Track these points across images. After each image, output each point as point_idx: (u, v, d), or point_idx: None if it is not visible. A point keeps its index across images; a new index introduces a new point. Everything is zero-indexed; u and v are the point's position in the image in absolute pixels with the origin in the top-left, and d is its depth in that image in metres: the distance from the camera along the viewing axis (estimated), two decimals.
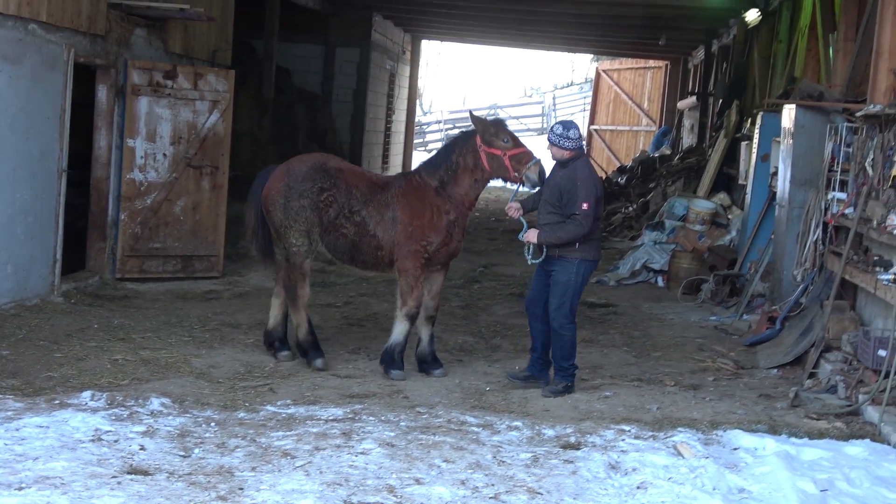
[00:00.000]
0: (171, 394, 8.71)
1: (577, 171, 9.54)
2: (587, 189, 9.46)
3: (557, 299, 9.62)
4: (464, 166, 9.90)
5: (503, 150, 9.75)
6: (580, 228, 9.43)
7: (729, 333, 12.84)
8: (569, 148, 9.59)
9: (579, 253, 9.56)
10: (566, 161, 9.61)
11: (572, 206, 9.44)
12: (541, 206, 9.76)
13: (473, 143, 9.89)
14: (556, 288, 9.62)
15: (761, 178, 15.38)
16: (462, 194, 9.93)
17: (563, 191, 9.49)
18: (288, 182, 9.97)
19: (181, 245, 13.98)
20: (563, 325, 9.63)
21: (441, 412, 8.64)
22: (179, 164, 13.82)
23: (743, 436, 8.23)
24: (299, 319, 10.09)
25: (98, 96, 13.30)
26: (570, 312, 9.66)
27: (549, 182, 9.69)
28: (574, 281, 9.61)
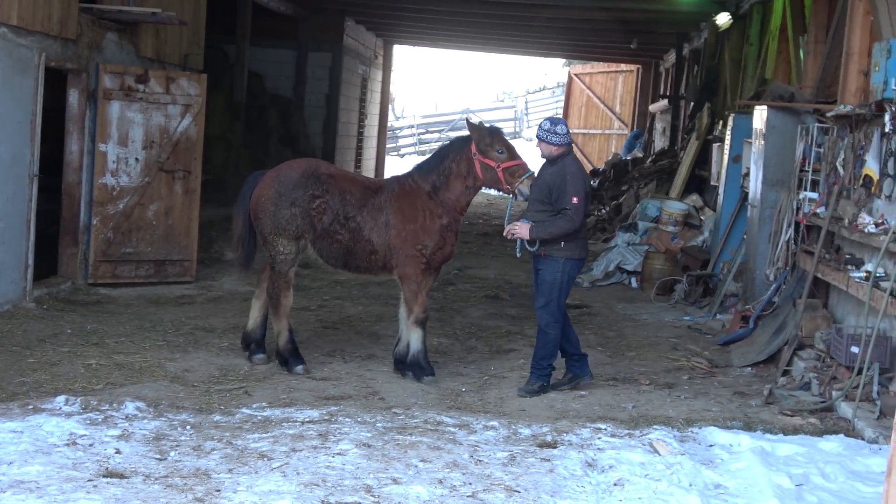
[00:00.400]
0: (146, 398, 8.67)
1: (565, 166, 9.56)
2: (576, 184, 9.48)
3: (544, 297, 9.63)
4: (457, 172, 9.88)
5: (497, 161, 9.72)
6: (571, 223, 9.43)
7: (703, 333, 12.92)
8: (557, 143, 9.60)
9: (565, 251, 9.57)
10: (555, 158, 9.61)
11: (562, 201, 9.43)
12: (529, 205, 9.76)
13: (468, 150, 9.85)
14: (543, 286, 9.63)
15: (733, 179, 15.46)
16: (453, 199, 9.90)
17: (552, 187, 9.49)
18: (279, 189, 9.88)
19: (154, 250, 13.92)
20: (549, 324, 9.63)
21: (417, 413, 8.64)
22: (152, 169, 13.77)
23: (718, 432, 8.29)
24: (280, 327, 10.06)
25: (69, 101, 13.24)
26: (556, 311, 9.64)
27: (538, 180, 9.70)
28: (560, 279, 9.60)
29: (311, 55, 25.26)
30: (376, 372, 10.20)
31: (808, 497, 6.94)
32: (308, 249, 10.00)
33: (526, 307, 14.18)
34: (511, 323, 13.10)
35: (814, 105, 12.83)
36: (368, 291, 14.55)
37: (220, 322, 12.01)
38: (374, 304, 13.75)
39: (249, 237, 10.20)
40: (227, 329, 11.62)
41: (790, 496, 6.88)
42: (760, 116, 13.46)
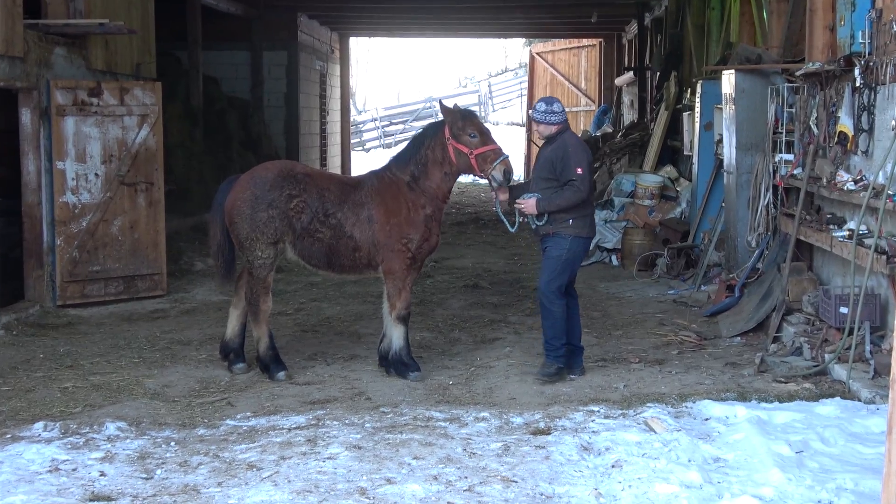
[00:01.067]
0: (127, 417, 8.63)
1: (565, 140, 9.60)
2: (578, 155, 9.51)
3: (547, 274, 9.61)
4: (433, 159, 9.83)
5: (469, 146, 9.67)
6: (579, 193, 9.44)
7: (688, 305, 12.97)
8: (556, 122, 9.64)
9: (573, 229, 9.56)
10: (553, 136, 9.65)
11: (567, 173, 9.45)
12: (533, 184, 9.77)
13: (442, 135, 9.81)
14: (548, 262, 9.63)
15: (706, 147, 15.53)
16: (434, 188, 9.84)
17: (554, 161, 9.51)
18: (254, 192, 9.79)
19: (122, 266, 13.85)
20: (553, 301, 9.61)
21: (406, 410, 8.64)
22: (113, 183, 13.69)
23: (713, 405, 8.32)
24: (260, 333, 10.01)
25: (22, 120, 13.13)
26: (558, 288, 9.62)
27: (538, 159, 9.76)
28: (566, 257, 9.59)
29: (266, 55, 25.19)
30: (360, 372, 10.18)
31: (810, 463, 6.98)
32: (288, 251, 9.94)
33: (507, 294, 14.21)
34: (494, 311, 13.11)
35: (782, 65, 12.88)
36: (345, 291, 14.53)
37: (197, 334, 11.96)
38: (352, 303, 13.73)
39: (228, 245, 10.10)
40: (203, 340, 11.58)
41: (791, 464, 6.91)
42: (729, 81, 13.50)
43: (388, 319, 9.93)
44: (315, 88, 28.43)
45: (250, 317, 10.06)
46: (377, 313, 12.46)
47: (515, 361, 10.45)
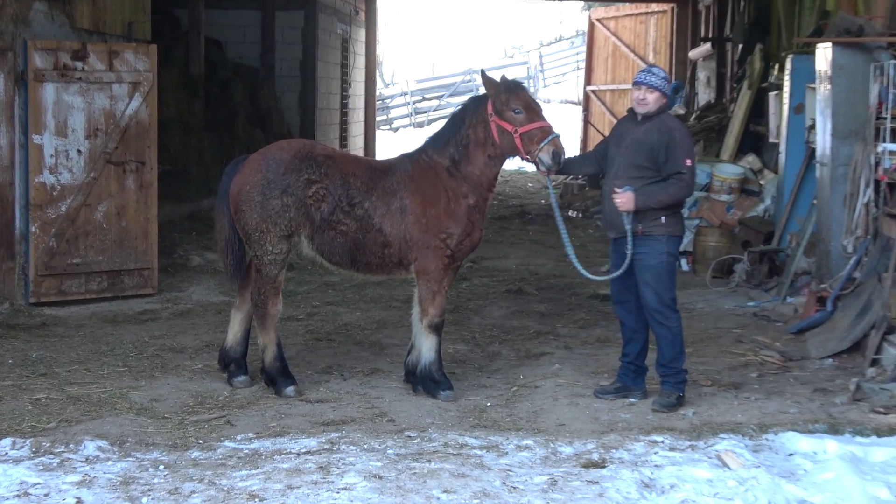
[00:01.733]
0: (109, 435, 8.67)
1: (667, 123, 9.51)
2: (686, 143, 9.47)
3: (653, 287, 9.52)
4: (475, 140, 9.80)
5: (514, 124, 9.61)
6: (686, 189, 9.41)
7: (771, 320, 12.91)
8: (668, 93, 9.56)
9: (667, 227, 9.49)
10: (652, 113, 9.53)
11: (674, 164, 9.35)
12: (616, 171, 9.57)
13: (484, 111, 9.77)
14: (648, 274, 9.52)
15: (796, 133, 15.44)
16: (477, 174, 9.81)
17: (655, 147, 9.39)
18: (266, 175, 9.78)
19: (106, 258, 13.92)
20: (668, 316, 9.56)
21: (435, 435, 8.65)
22: (98, 162, 13.76)
23: (798, 438, 8.29)
24: (267, 341, 10.03)
25: None
26: (672, 300, 9.60)
27: (624, 139, 9.59)
28: (668, 261, 9.54)
29: (278, 15, 25.24)
30: (383, 389, 10.20)
31: None
32: (304, 246, 9.94)
33: (557, 302, 14.20)
34: (540, 322, 13.11)
35: (888, 38, 12.78)
36: (366, 294, 14.56)
37: (192, 340, 12.02)
38: (373, 308, 13.76)
39: (238, 240, 10.11)
40: (199, 348, 11.63)
41: None
42: (824, 56, 13.42)
43: (419, 327, 9.94)
44: (336, 56, 28.49)
45: (256, 321, 10.08)
46: (403, 320, 12.49)
47: (565, 381, 10.44)
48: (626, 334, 9.92)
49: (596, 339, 12.13)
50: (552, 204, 10.11)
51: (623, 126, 9.80)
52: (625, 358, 9.93)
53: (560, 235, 10.11)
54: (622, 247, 9.59)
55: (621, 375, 9.95)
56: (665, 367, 9.63)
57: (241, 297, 10.34)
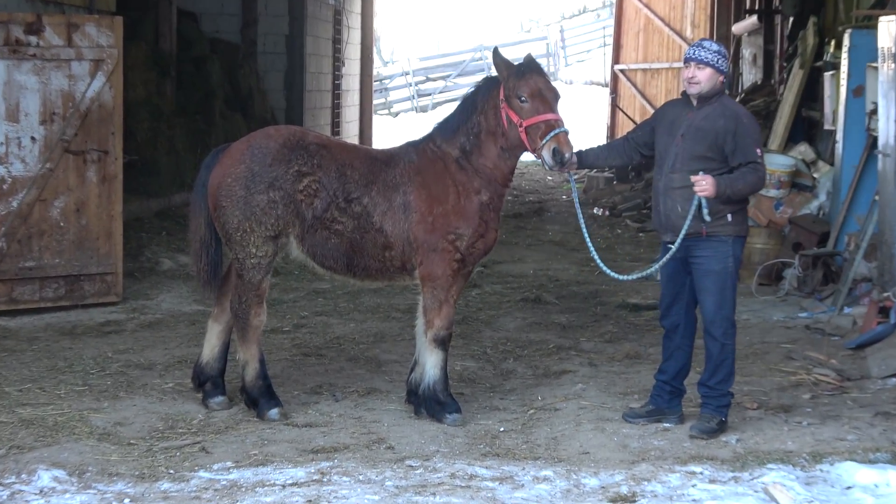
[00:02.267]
0: (67, 464, 8.66)
1: (731, 107, 9.52)
2: (755, 129, 9.47)
3: (715, 296, 9.50)
4: (487, 129, 9.79)
5: (519, 115, 9.58)
6: (763, 180, 9.44)
7: (826, 334, 12.90)
8: (725, 71, 9.50)
9: (734, 227, 9.47)
10: (709, 95, 9.49)
11: (744, 153, 9.31)
12: (672, 163, 9.50)
13: (496, 96, 9.76)
14: (709, 280, 9.50)
15: (855, 119, 15.42)
16: (491, 167, 9.80)
17: (720, 135, 9.34)
18: (250, 166, 9.76)
19: (64, 262, 13.92)
20: (727, 332, 9.55)
21: (441, 464, 8.65)
22: (55, 151, 13.77)
23: (858, 469, 8.29)
24: (249, 356, 10.03)
25: None
26: (732, 312, 9.60)
27: (677, 127, 9.53)
28: (733, 267, 9.52)
29: None
30: (380, 412, 10.20)
31: None
32: (292, 248, 9.94)
33: (580, 312, 14.20)
34: (561, 335, 13.12)
35: None
36: (361, 303, 14.56)
37: (161, 355, 12.02)
38: (369, 318, 13.77)
39: (215, 241, 10.11)
40: (170, 364, 11.63)
41: None
42: (888, 31, 13.41)
43: (423, 341, 9.93)
44: (327, 30, 28.52)
45: (236, 334, 10.08)
46: (404, 333, 12.52)
47: (589, 403, 10.44)
48: (669, 349, 9.89)
49: (625, 356, 12.12)
50: (574, 199, 10.09)
51: (674, 111, 9.72)
52: (661, 376, 9.91)
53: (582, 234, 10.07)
54: (677, 252, 9.55)
55: (655, 397, 9.94)
56: (709, 387, 9.61)
57: (219, 306, 10.33)
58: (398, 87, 52.79)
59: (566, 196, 26.75)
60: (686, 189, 9.37)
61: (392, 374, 11.30)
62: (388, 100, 51.50)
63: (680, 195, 9.44)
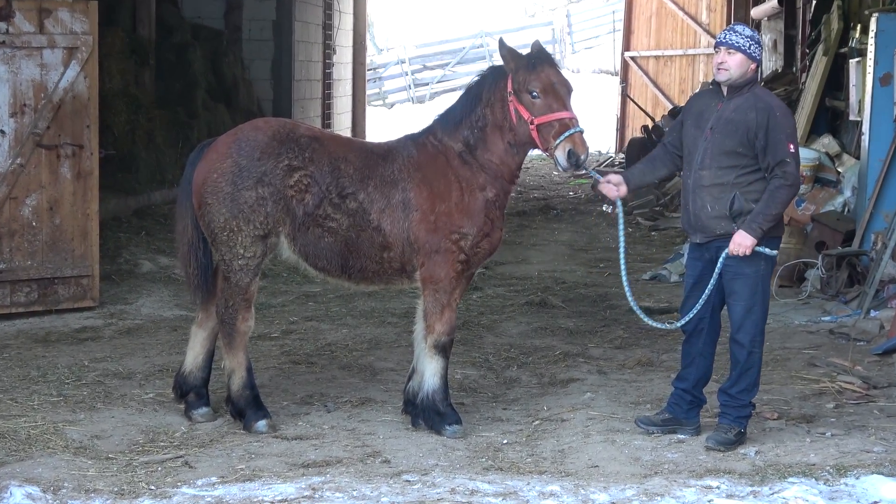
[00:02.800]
0: (41, 479, 8.68)
1: (764, 98, 9.47)
2: (789, 123, 9.41)
3: (745, 302, 9.52)
4: (493, 123, 9.80)
5: (530, 111, 9.60)
6: (794, 187, 9.35)
7: (851, 339, 12.91)
8: (758, 59, 9.47)
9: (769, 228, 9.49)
10: (740, 85, 9.46)
11: (776, 150, 9.25)
12: (700, 159, 9.48)
13: (504, 88, 9.77)
14: (740, 284, 9.51)
15: (883, 110, 15.43)
16: (497, 163, 9.82)
17: (751, 128, 9.30)
18: (238, 161, 9.77)
19: (36, 264, 13.93)
20: (755, 339, 9.58)
21: (440, 479, 8.66)
22: (26, 145, 13.78)
23: (884, 483, 8.32)
24: (235, 364, 10.03)
25: None
26: (762, 319, 9.62)
27: (705, 119, 9.51)
28: (765, 272, 9.54)
29: None
30: (375, 423, 10.22)
31: None
32: (283, 248, 9.96)
33: (588, 317, 14.22)
34: (567, 340, 13.14)
35: None
36: (354, 307, 14.58)
37: (141, 363, 12.04)
38: (363, 324, 13.79)
39: (204, 243, 10.10)
40: (150, 373, 11.65)
41: None
42: None
43: (422, 347, 9.95)
44: (317, 15, 28.53)
45: (223, 340, 10.08)
46: (400, 339, 12.55)
47: (599, 413, 10.46)
48: (690, 355, 9.88)
49: (637, 363, 12.13)
50: (619, 235, 9.89)
51: (702, 102, 9.72)
52: (680, 384, 9.90)
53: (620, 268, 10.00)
54: (706, 253, 9.59)
55: (672, 405, 9.94)
56: (730, 396, 9.61)
57: (204, 311, 10.31)
58: (393, 77, 52.74)
59: (573, 192, 26.77)
60: (716, 187, 9.39)
61: (388, 383, 11.32)
62: (382, 90, 51.48)
63: (709, 193, 9.44)
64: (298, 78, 26.70)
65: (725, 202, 9.38)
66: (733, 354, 9.64)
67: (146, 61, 21.33)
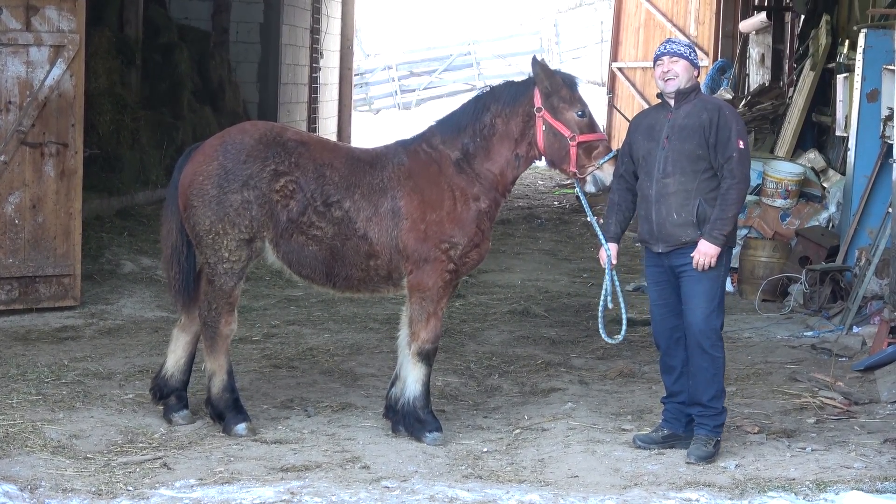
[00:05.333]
0: (18, 478, 8.68)
1: (711, 100, 9.64)
2: (738, 120, 9.49)
3: (704, 305, 9.53)
4: (503, 133, 9.82)
5: (571, 129, 9.65)
6: (743, 183, 9.37)
7: (833, 354, 12.93)
8: (698, 66, 9.63)
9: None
10: (688, 90, 9.54)
11: (725, 147, 9.34)
12: (662, 167, 9.52)
13: (529, 102, 9.79)
14: (701, 287, 9.53)
15: (869, 125, 15.46)
16: (496, 174, 9.85)
17: (705, 127, 9.38)
18: (223, 163, 9.77)
19: (18, 262, 13.91)
20: (715, 344, 9.59)
21: (419, 486, 8.67)
22: (10, 142, 13.77)
23: (864, 499, 8.34)
24: (216, 367, 10.03)
25: None
26: (721, 325, 9.65)
27: (657, 131, 9.55)
28: (723, 274, 9.58)
29: None
30: (355, 429, 10.22)
31: None
32: (268, 254, 9.96)
33: (571, 326, 14.23)
34: (550, 350, 13.15)
35: None
36: (336, 312, 14.57)
37: (121, 364, 12.03)
38: (345, 329, 13.79)
39: (188, 247, 10.09)
40: (130, 374, 11.65)
41: None
42: None
43: (406, 354, 9.95)
44: (305, 19, 28.53)
45: (204, 343, 10.07)
46: (382, 345, 12.56)
47: (579, 424, 10.47)
48: (674, 369, 9.85)
49: (618, 374, 12.14)
50: (606, 270, 9.98)
51: (650, 118, 9.80)
52: (672, 399, 9.92)
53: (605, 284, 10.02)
54: (666, 260, 9.63)
55: (669, 422, 9.92)
56: (704, 406, 9.61)
57: (186, 315, 10.30)
58: (380, 82, 52.69)
59: (558, 202, 26.78)
60: (681, 193, 9.45)
61: (368, 389, 11.32)
62: (368, 95, 51.43)
63: (675, 201, 9.48)
64: (285, 81, 26.71)
65: (692, 209, 9.44)
66: (697, 364, 9.62)
67: (132, 61, 21.32)
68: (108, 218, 18.25)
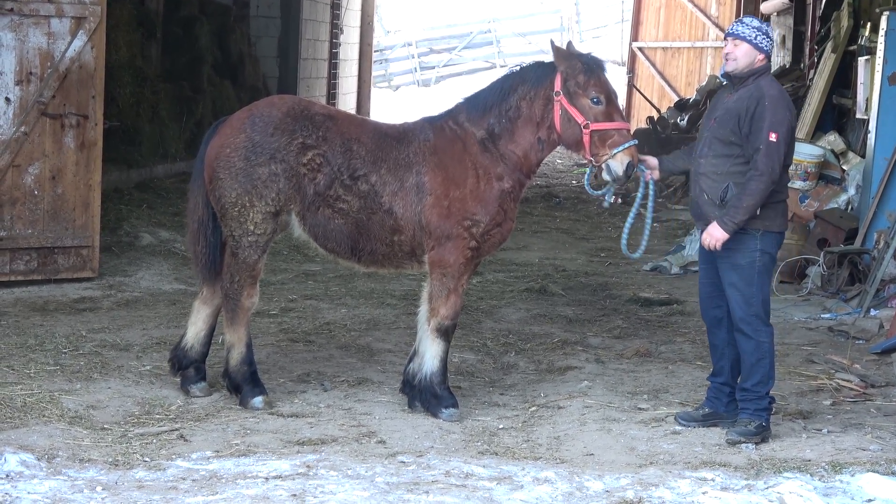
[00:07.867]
0: (35, 447, 8.71)
1: (762, 87, 9.44)
2: (777, 112, 9.32)
3: (742, 292, 9.51)
4: (527, 116, 9.79)
5: (586, 115, 9.60)
6: (768, 174, 9.25)
7: (850, 337, 12.91)
8: (766, 50, 9.48)
9: (763, 221, 9.43)
10: (746, 75, 9.46)
11: (756, 138, 9.27)
12: (701, 148, 9.60)
13: (550, 86, 9.74)
14: (735, 275, 9.52)
15: (890, 108, 15.43)
16: (520, 155, 9.84)
17: (741, 115, 9.35)
18: (251, 136, 9.77)
19: (37, 233, 13.93)
20: (757, 328, 9.55)
21: (435, 461, 8.68)
22: (30, 113, 13.78)
23: (879, 481, 8.31)
24: (236, 339, 10.05)
25: None
26: (763, 309, 9.59)
27: (716, 110, 9.60)
28: (762, 262, 9.51)
29: None
30: (371, 403, 10.24)
31: None
32: (294, 227, 9.96)
33: (588, 305, 14.22)
34: (566, 328, 13.15)
35: None
36: (354, 287, 14.58)
37: (139, 335, 12.05)
38: (363, 304, 13.79)
39: (214, 222, 10.10)
40: (148, 346, 11.67)
41: None
42: None
43: (425, 329, 9.95)
44: None
45: (225, 315, 10.08)
46: (400, 321, 12.56)
47: (595, 402, 10.47)
48: (718, 347, 9.88)
49: (635, 353, 12.13)
50: (649, 211, 9.96)
51: (720, 95, 9.81)
52: (716, 378, 9.91)
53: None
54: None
55: (711, 400, 9.91)
56: (746, 390, 9.60)
57: (209, 287, 10.29)
58: (399, 59, 52.63)
59: (576, 181, 26.74)
60: (712, 175, 9.47)
61: (385, 364, 11.34)
62: (388, 72, 51.38)
63: (705, 181, 9.53)
64: (305, 56, 26.69)
65: (719, 191, 9.45)
66: (741, 347, 9.62)
67: (153, 34, 21.33)
68: (127, 190, 18.27)
